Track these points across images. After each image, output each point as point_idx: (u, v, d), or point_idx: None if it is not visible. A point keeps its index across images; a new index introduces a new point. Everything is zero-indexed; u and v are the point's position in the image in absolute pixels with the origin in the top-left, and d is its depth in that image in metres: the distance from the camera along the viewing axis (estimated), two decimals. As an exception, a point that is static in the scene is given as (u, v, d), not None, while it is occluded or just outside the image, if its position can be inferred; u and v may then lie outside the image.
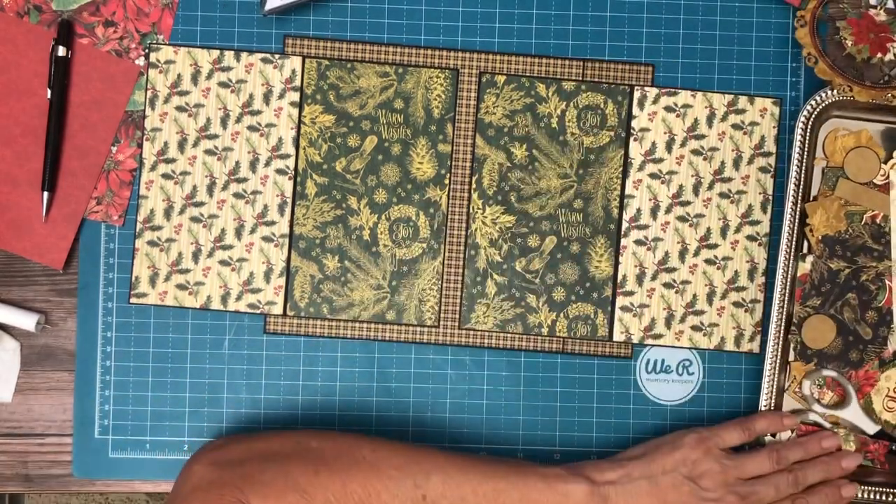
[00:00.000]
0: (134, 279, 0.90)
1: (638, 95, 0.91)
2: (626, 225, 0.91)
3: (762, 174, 0.91)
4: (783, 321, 0.88)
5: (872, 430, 0.89)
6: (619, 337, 0.91)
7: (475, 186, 0.91)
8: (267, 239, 0.90)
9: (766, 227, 0.91)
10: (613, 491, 0.82)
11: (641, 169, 0.91)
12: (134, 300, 0.90)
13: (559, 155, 0.91)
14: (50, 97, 0.88)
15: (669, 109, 0.91)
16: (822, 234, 0.89)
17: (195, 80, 0.90)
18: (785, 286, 0.88)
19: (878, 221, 0.89)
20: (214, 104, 0.90)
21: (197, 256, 0.90)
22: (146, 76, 0.90)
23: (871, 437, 0.89)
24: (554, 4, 0.91)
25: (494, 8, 0.91)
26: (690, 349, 0.91)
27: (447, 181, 0.91)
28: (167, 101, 0.90)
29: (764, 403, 0.88)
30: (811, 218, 0.89)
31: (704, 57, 0.91)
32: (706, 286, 0.91)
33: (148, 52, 0.90)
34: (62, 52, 0.88)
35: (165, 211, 0.90)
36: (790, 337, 0.89)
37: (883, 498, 0.88)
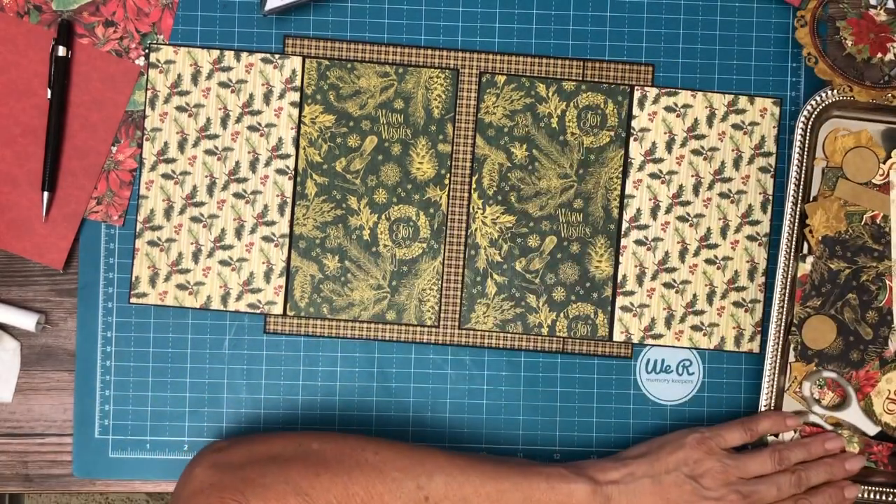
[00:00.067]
0: (134, 279, 0.90)
1: (638, 95, 0.91)
2: (626, 225, 0.91)
3: (762, 174, 0.91)
4: (783, 321, 0.88)
5: (873, 431, 0.89)
6: (619, 337, 0.91)
7: (475, 186, 0.91)
8: (267, 239, 0.90)
9: (766, 227, 0.91)
10: (616, 490, 0.82)
11: (641, 169, 0.91)
12: (134, 300, 0.90)
13: (559, 155, 0.91)
14: (50, 97, 0.88)
15: (669, 109, 0.91)
16: (821, 234, 0.89)
17: (195, 80, 0.90)
18: (785, 286, 0.88)
19: (878, 221, 0.89)
20: (214, 104, 0.90)
21: (197, 256, 0.90)
22: (146, 76, 0.90)
23: (872, 438, 0.89)
24: (554, 4, 0.91)
25: (494, 8, 0.91)
26: (690, 349, 0.91)
27: (447, 181, 0.91)
28: (167, 101, 0.90)
29: (764, 404, 0.88)
30: (811, 219, 0.89)
31: (704, 57, 0.91)
32: (706, 286, 0.91)
33: (148, 52, 0.90)
34: (62, 52, 0.88)
35: (165, 211, 0.90)
36: (790, 337, 0.89)
37: (884, 498, 0.88)
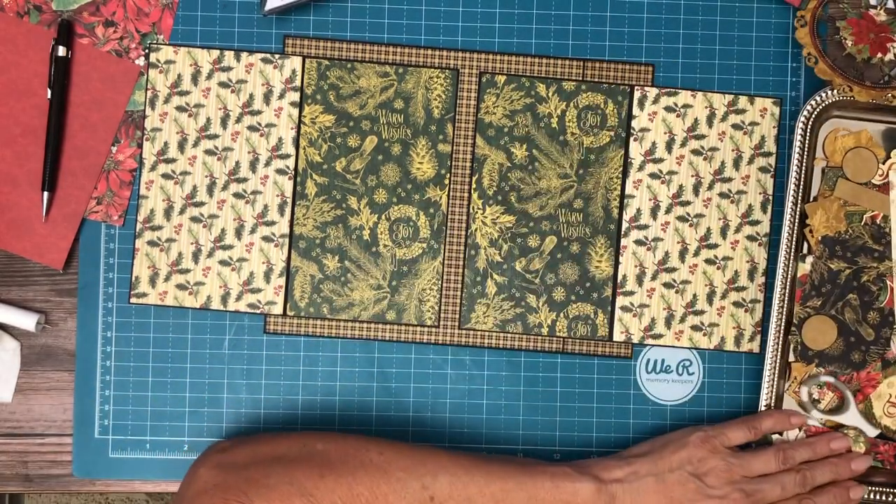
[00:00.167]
0: (134, 279, 0.90)
1: (638, 95, 0.91)
2: (626, 225, 0.91)
3: (762, 174, 0.91)
4: (783, 321, 0.88)
5: (872, 433, 0.89)
6: (619, 337, 0.91)
7: (475, 186, 0.91)
8: (267, 239, 0.90)
9: (766, 227, 0.91)
10: (620, 489, 0.82)
11: (641, 169, 0.91)
12: (134, 300, 0.90)
13: (559, 155, 0.91)
14: (50, 97, 0.88)
15: (669, 109, 0.91)
16: (821, 234, 0.89)
17: (195, 80, 0.90)
18: (785, 286, 0.88)
19: (878, 222, 0.89)
20: (214, 104, 0.90)
21: (197, 256, 0.90)
22: (146, 76, 0.90)
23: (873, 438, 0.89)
24: (554, 4, 0.91)
25: (494, 8, 0.91)
26: (690, 349, 0.91)
27: (447, 181, 0.91)
28: (167, 101, 0.90)
29: (764, 403, 0.88)
30: (811, 219, 0.89)
31: (704, 57, 0.91)
32: (706, 286, 0.91)
33: (148, 52, 0.90)
34: (62, 52, 0.88)
35: (165, 211, 0.90)
36: (790, 337, 0.89)
37: (884, 498, 0.88)
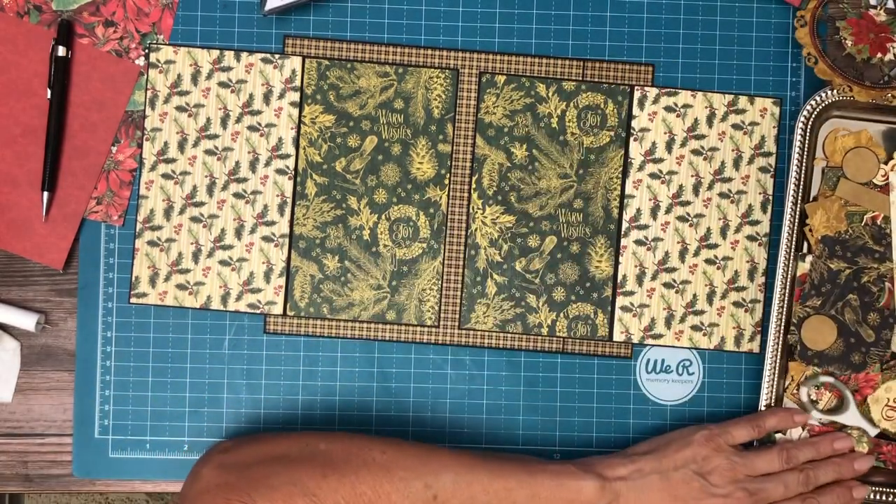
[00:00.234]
0: (134, 279, 0.90)
1: (638, 95, 0.91)
2: (626, 225, 0.91)
3: (762, 174, 0.91)
4: (783, 321, 0.88)
5: (872, 433, 0.89)
6: (619, 337, 0.91)
7: (475, 186, 0.91)
8: (267, 239, 0.90)
9: (766, 227, 0.91)
10: (624, 487, 0.82)
11: (641, 169, 0.91)
12: (134, 300, 0.90)
13: (559, 155, 0.91)
14: (50, 97, 0.88)
15: (669, 109, 0.91)
16: (821, 234, 0.88)
17: (195, 80, 0.90)
18: (785, 286, 0.88)
19: (878, 222, 0.89)
20: (214, 104, 0.90)
21: (197, 256, 0.90)
22: (146, 76, 0.90)
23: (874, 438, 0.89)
24: (554, 4, 0.91)
25: (494, 8, 0.91)
26: (690, 349, 0.91)
27: (447, 181, 0.91)
28: (167, 101, 0.90)
29: (764, 403, 0.88)
30: (811, 218, 0.89)
31: (704, 57, 0.91)
32: (706, 286, 0.91)
33: (148, 52, 0.90)
34: (62, 52, 0.88)
35: (165, 211, 0.90)
36: (789, 337, 0.89)
37: (884, 498, 0.88)
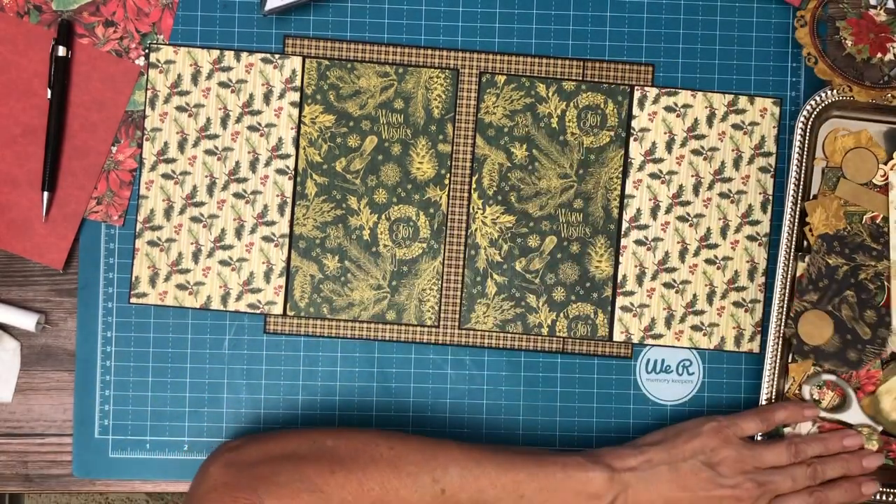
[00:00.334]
0: (134, 279, 0.90)
1: (638, 95, 0.91)
2: (626, 225, 0.91)
3: (762, 174, 0.91)
4: (783, 321, 0.88)
5: (878, 429, 0.89)
6: (619, 337, 0.91)
7: (475, 186, 0.91)
8: (267, 239, 0.90)
9: (766, 226, 0.91)
10: (634, 477, 0.82)
11: (641, 169, 0.91)
12: (134, 300, 0.90)
13: (559, 155, 0.91)
14: (50, 97, 0.88)
15: (669, 109, 0.91)
16: (821, 232, 0.89)
17: (195, 80, 0.90)
18: (785, 286, 0.88)
19: (877, 222, 0.89)
20: (214, 104, 0.90)
21: (197, 256, 0.90)
22: (146, 76, 0.90)
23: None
24: (554, 4, 0.91)
25: (494, 8, 0.90)
26: (690, 349, 0.91)
27: (447, 181, 0.91)
28: (167, 101, 0.90)
29: (764, 404, 0.88)
30: (811, 216, 0.89)
31: (704, 57, 0.91)
32: (706, 286, 0.91)
33: (148, 52, 0.90)
34: (62, 52, 0.88)
35: (165, 211, 0.90)
36: (786, 330, 0.89)
37: (885, 498, 0.88)
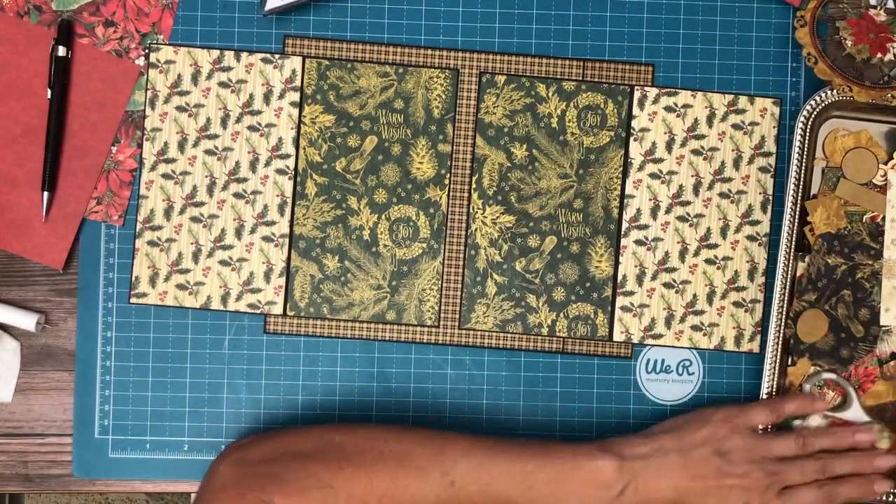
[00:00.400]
0: (134, 279, 0.90)
1: (638, 95, 0.91)
2: (626, 225, 0.91)
3: (762, 174, 0.91)
4: (783, 321, 0.88)
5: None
6: (619, 337, 0.91)
7: (475, 186, 0.91)
8: (267, 239, 0.90)
9: (766, 226, 0.91)
10: (643, 465, 0.82)
11: (641, 169, 0.91)
12: (134, 300, 0.90)
13: (559, 155, 0.91)
14: (50, 97, 0.88)
15: (669, 109, 0.91)
16: (822, 231, 0.89)
17: (195, 80, 0.90)
18: (785, 286, 0.88)
19: (877, 221, 0.89)
20: (214, 104, 0.90)
21: (197, 256, 0.90)
22: (146, 76, 0.90)
23: None
24: (554, 4, 0.91)
25: (494, 8, 0.90)
26: (690, 349, 0.91)
27: (447, 181, 0.91)
28: (167, 101, 0.90)
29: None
30: (812, 216, 0.89)
31: (704, 57, 0.91)
32: (706, 286, 0.91)
33: (148, 52, 0.90)
34: (62, 52, 0.88)
35: (165, 211, 0.90)
36: (785, 330, 0.89)
37: (884, 498, 0.88)
